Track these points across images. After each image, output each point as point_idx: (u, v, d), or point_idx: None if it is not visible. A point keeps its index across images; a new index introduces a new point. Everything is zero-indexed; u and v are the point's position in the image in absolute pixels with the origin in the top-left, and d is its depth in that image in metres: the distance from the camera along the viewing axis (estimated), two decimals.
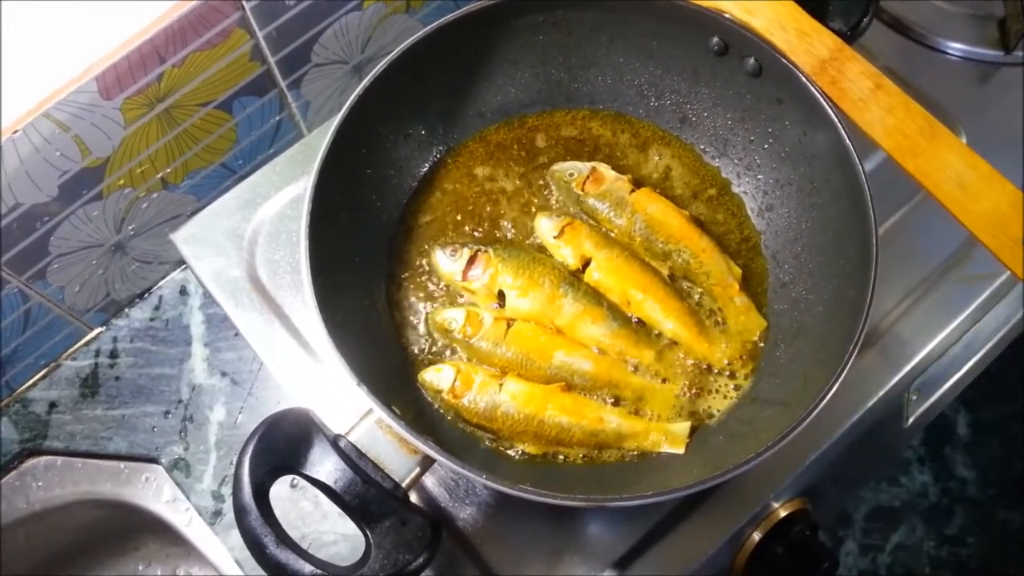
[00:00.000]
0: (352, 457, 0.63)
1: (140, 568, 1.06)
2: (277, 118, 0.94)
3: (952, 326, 0.85)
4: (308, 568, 0.58)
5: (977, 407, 1.55)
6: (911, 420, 0.87)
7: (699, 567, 0.77)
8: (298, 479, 0.84)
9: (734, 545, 0.81)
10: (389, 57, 0.73)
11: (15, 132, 0.70)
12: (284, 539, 0.59)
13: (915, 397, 0.86)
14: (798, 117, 0.75)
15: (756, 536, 0.81)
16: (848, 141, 0.70)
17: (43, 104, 0.71)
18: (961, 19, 0.98)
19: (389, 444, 0.64)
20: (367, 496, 0.62)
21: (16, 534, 0.92)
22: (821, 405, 0.63)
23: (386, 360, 0.75)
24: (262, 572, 0.80)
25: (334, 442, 0.63)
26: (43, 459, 0.92)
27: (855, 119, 0.71)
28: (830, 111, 0.71)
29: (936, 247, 0.88)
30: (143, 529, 0.96)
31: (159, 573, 1.06)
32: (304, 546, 0.62)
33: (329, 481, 0.61)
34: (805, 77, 0.72)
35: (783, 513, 0.81)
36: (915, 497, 1.53)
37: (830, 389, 0.64)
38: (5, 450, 0.91)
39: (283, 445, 0.63)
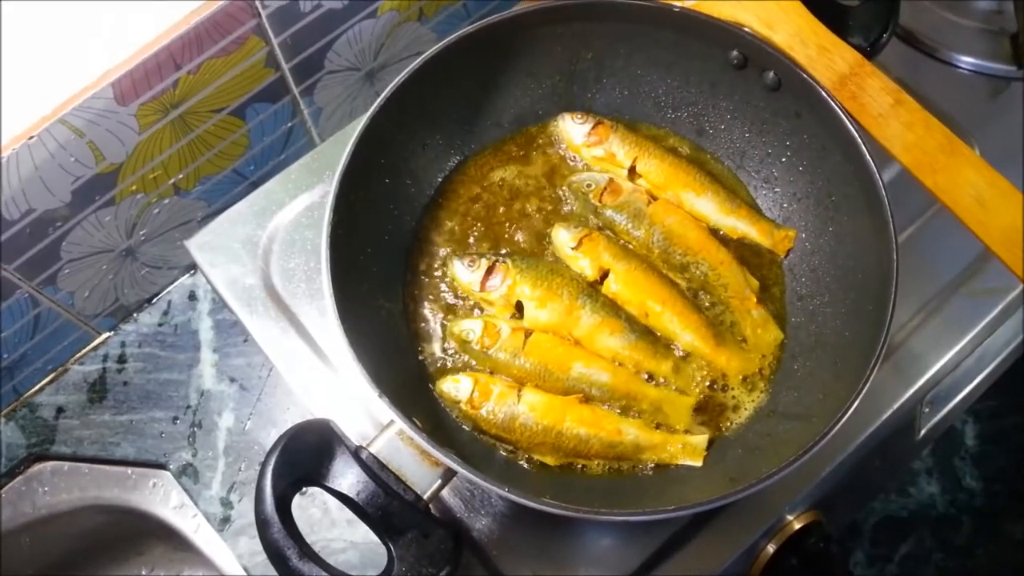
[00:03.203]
0: (374, 469, 0.62)
1: (143, 572, 1.06)
2: (289, 124, 0.93)
3: (965, 340, 0.86)
4: None
5: (985, 418, 1.55)
6: (923, 432, 0.87)
7: None
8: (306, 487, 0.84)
9: (749, 557, 0.81)
10: (410, 68, 0.73)
11: (31, 138, 0.70)
12: (307, 552, 0.58)
13: (927, 410, 0.86)
14: (817, 131, 0.76)
15: (771, 548, 0.81)
16: (868, 156, 0.70)
17: (59, 110, 0.71)
18: (974, 33, 0.99)
19: (411, 456, 0.64)
20: (389, 508, 0.61)
21: (21, 539, 0.91)
22: (843, 420, 0.63)
23: (403, 370, 0.75)
24: None
25: (355, 454, 0.63)
26: (50, 464, 0.91)
27: (874, 134, 0.72)
28: (850, 126, 0.71)
29: (949, 261, 0.88)
30: (147, 534, 0.96)
31: None
32: None
33: (351, 494, 0.61)
34: (825, 92, 0.72)
35: (797, 525, 0.81)
36: (923, 507, 1.54)
37: (852, 404, 0.64)
38: (12, 455, 0.90)
39: (305, 457, 0.62)
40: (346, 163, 0.70)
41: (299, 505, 0.85)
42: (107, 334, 0.95)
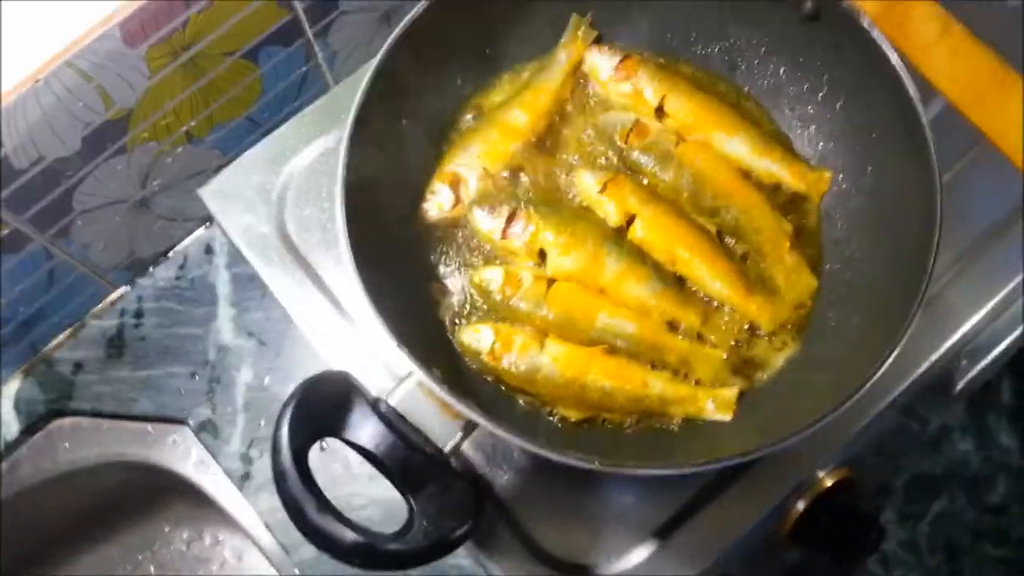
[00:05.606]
0: (393, 421, 0.60)
1: (166, 529, 1.06)
2: (303, 69, 0.90)
3: (1007, 289, 0.82)
4: (350, 535, 0.56)
5: (1023, 373, 1.52)
6: (960, 387, 0.84)
7: (742, 537, 0.75)
8: (326, 442, 0.83)
9: (778, 515, 0.79)
10: (422, 3, 0.70)
11: (36, 81, 0.68)
12: (326, 505, 0.57)
13: (965, 363, 0.83)
14: (857, 64, 0.71)
15: (801, 505, 0.79)
16: (912, 91, 0.66)
17: (65, 52, 0.68)
18: None
19: (430, 408, 0.62)
20: (409, 461, 0.60)
21: (43, 495, 0.91)
22: (880, 372, 0.61)
23: (423, 321, 0.73)
24: (290, 537, 0.80)
25: (374, 405, 0.61)
26: (69, 420, 0.90)
27: (920, 66, 0.68)
28: (893, 58, 0.67)
29: (992, 205, 0.84)
30: (170, 491, 0.95)
31: (185, 535, 1.06)
32: None
33: (370, 446, 0.59)
34: (867, 21, 0.68)
35: (828, 482, 0.79)
36: (956, 465, 1.50)
37: (889, 356, 0.61)
38: (31, 411, 0.90)
39: (322, 408, 0.61)
40: (359, 104, 0.67)
41: (319, 461, 0.84)
42: (123, 288, 0.94)
